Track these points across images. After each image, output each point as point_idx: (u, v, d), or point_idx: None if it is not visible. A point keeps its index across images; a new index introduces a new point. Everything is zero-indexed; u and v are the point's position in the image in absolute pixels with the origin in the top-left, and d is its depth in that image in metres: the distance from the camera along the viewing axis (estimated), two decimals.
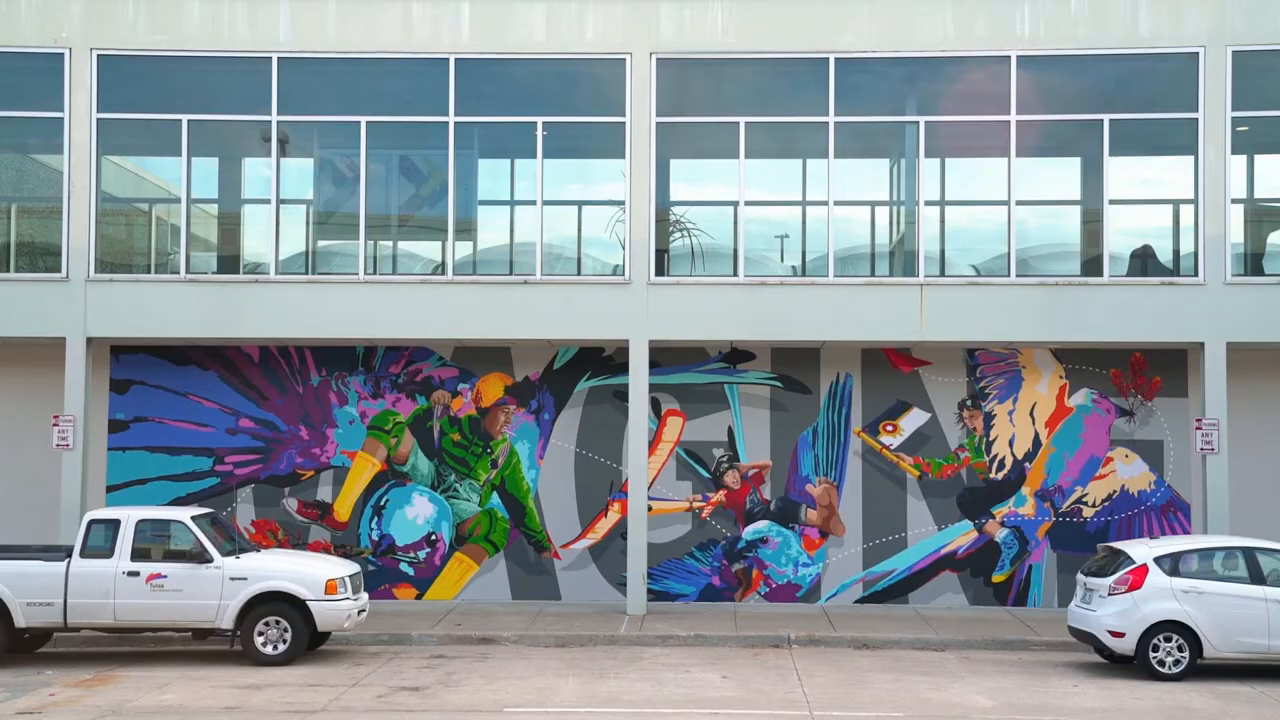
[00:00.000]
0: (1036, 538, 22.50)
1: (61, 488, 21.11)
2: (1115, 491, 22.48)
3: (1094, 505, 22.47)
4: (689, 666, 17.67)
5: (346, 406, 22.88)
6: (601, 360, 22.86)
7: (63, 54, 21.38)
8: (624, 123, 21.45)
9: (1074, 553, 22.04)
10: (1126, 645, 17.13)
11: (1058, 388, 22.64)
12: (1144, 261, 21.83)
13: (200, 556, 17.75)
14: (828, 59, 21.42)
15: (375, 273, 21.94)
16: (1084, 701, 15.73)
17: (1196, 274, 21.13)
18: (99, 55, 21.40)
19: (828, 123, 21.47)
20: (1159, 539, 18.69)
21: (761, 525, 22.71)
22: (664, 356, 22.43)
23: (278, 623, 17.69)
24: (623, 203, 21.63)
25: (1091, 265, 21.67)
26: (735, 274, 21.65)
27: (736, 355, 22.82)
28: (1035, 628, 20.28)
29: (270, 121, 21.67)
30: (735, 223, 21.85)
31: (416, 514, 22.84)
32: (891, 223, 23.04)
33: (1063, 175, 23.06)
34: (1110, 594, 17.29)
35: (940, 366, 22.71)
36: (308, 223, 22.50)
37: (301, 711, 14.83)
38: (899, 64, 21.67)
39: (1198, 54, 20.99)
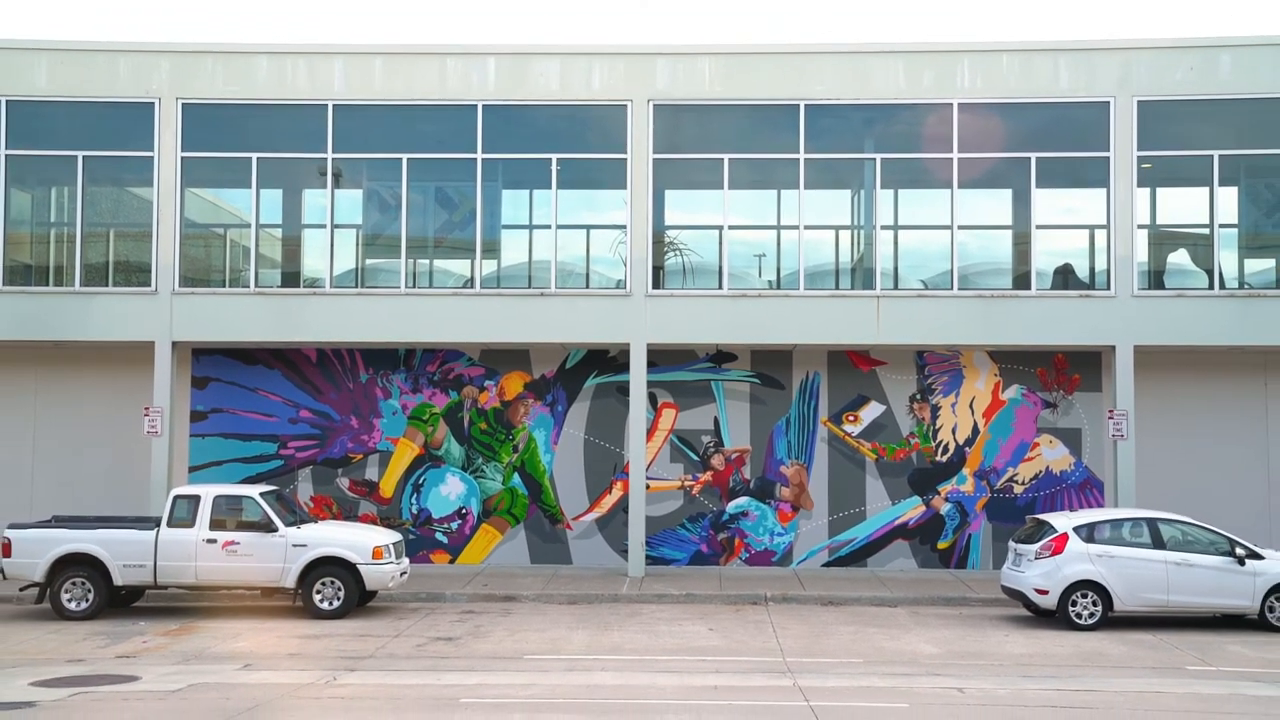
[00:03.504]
0: (975, 511, 22.62)
1: (151, 468, 21.28)
2: (1041, 472, 22.60)
3: (1023, 483, 22.59)
4: (681, 621, 17.75)
5: (390, 400, 23.01)
6: (606, 360, 22.95)
7: (153, 103, 21.53)
8: (625, 159, 21.51)
9: (1006, 523, 22.14)
10: (1050, 601, 17.26)
11: (993, 384, 22.76)
12: (1065, 277, 21.90)
13: (267, 527, 17.86)
14: (799, 105, 21.52)
15: (414, 286, 22.01)
16: (1014, 649, 15.83)
17: (1109, 288, 21.25)
18: (183, 104, 21.54)
19: (799, 159, 21.54)
20: (1077, 511, 18.78)
21: (742, 501, 22.82)
22: (660, 357, 22.52)
23: (333, 583, 17.79)
24: (624, 227, 21.70)
25: (1021, 280, 21.74)
26: (720, 287, 21.72)
27: (721, 356, 22.90)
28: (974, 587, 20.37)
29: (326, 158, 21.72)
30: (720, 244, 21.90)
31: (449, 491, 22.94)
32: (853, 244, 23.03)
33: (997, 204, 23.03)
34: (1036, 558, 17.41)
35: (894, 366, 22.78)
36: (357, 244, 22.46)
37: (353, 658, 14.94)
38: (859, 110, 21.72)
39: (1109, 103, 21.12)
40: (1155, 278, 21.80)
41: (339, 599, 17.77)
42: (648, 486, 22.09)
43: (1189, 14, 60.56)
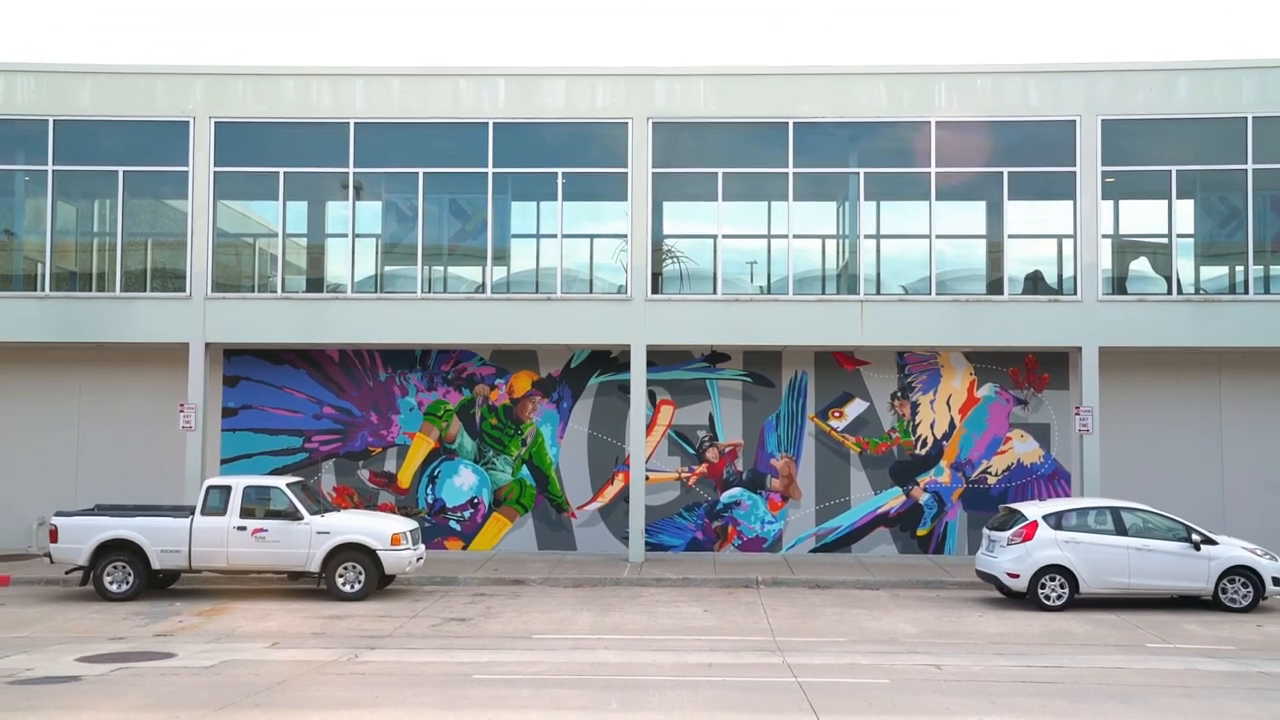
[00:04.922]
0: (952, 500, 22.69)
1: (186, 460, 21.35)
2: (1013, 464, 22.66)
3: (996, 475, 22.66)
4: (678, 603, 17.79)
5: (407, 397, 23.07)
6: (608, 360, 23.00)
7: (188, 122, 21.62)
8: (626, 173, 21.57)
9: (981, 512, 22.23)
10: (1021, 584, 17.33)
11: (968, 382, 22.83)
12: (1035, 283, 21.95)
13: (293, 515, 17.91)
14: (788, 123, 21.57)
15: (430, 291, 22.08)
16: (987, 628, 15.90)
17: (1075, 293, 21.32)
18: (216, 122, 21.63)
19: (788, 173, 21.58)
20: (1046, 501, 18.80)
21: (735, 491, 22.87)
22: (658, 357, 22.57)
23: (354, 567, 17.84)
24: (625, 236, 21.73)
25: (994, 285, 21.80)
26: (715, 292, 21.76)
27: (716, 356, 22.95)
28: (950, 571, 20.43)
29: (348, 172, 21.81)
30: (715, 252, 21.93)
31: (462, 482, 23.00)
32: (838, 252, 23.05)
33: (972, 215, 23.07)
34: (1009, 544, 17.47)
35: (877, 365, 22.84)
36: (377, 252, 22.52)
37: (373, 636, 15.01)
38: (844, 127, 21.77)
39: (1075, 121, 21.20)
40: (1118, 284, 21.90)
41: (360, 582, 17.82)
42: (647, 478, 22.16)
43: (1150, 39, 60.67)
